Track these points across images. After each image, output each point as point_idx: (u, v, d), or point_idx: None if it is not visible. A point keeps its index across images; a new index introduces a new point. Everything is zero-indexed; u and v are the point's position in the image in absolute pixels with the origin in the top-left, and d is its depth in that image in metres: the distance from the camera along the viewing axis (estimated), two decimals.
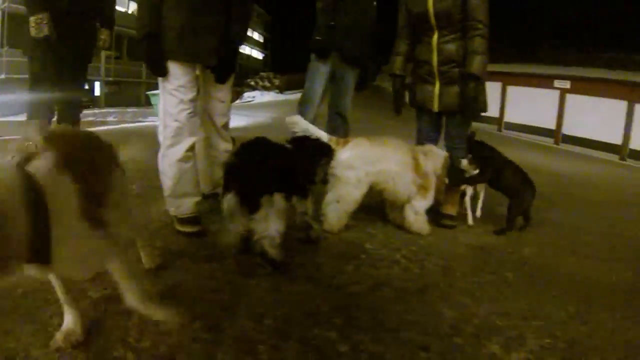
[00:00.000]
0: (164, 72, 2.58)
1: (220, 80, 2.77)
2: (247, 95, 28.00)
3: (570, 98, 19.75)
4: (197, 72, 2.73)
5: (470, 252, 3.02)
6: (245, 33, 2.91)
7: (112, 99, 25.73)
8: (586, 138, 18.60)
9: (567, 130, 19.67)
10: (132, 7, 29.96)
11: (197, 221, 2.71)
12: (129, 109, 18.75)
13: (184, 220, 2.69)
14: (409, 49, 3.48)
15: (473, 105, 3.22)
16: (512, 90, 22.07)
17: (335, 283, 2.33)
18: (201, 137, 2.91)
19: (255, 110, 17.62)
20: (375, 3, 3.94)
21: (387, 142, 3.14)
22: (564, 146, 18.91)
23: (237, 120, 13.35)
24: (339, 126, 4.03)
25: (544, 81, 20.52)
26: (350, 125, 4.04)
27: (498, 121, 22.35)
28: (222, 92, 2.88)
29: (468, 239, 3.28)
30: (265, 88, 29.46)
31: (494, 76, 21.95)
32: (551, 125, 20.23)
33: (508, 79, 22.01)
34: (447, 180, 3.30)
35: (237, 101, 27.42)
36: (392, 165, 3.06)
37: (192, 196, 2.70)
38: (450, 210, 3.51)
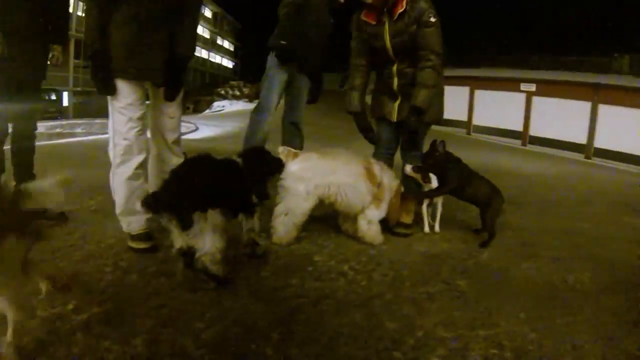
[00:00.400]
0: (112, 91, 2.55)
1: (170, 97, 2.74)
2: (217, 105, 27.85)
3: (536, 100, 20.18)
4: (146, 87, 2.73)
5: (424, 260, 2.92)
6: (194, 48, 2.85)
7: (81, 110, 25.06)
8: (553, 139, 19.01)
9: (534, 131, 20.05)
10: None
11: (148, 237, 2.69)
12: (97, 120, 18.34)
13: (135, 237, 2.68)
14: (364, 82, 3.47)
15: (415, 135, 3.33)
16: (479, 94, 22.47)
17: (278, 297, 2.26)
18: (152, 154, 2.89)
19: (225, 120, 17.49)
20: (332, 21, 3.92)
21: (338, 155, 3.08)
22: (531, 147, 19.23)
23: (206, 131, 13.21)
24: (295, 137, 3.99)
25: (511, 84, 20.95)
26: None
27: (466, 125, 22.67)
28: (172, 108, 2.84)
29: (423, 246, 3.19)
30: (235, 97, 29.40)
31: (462, 80, 22.45)
32: (518, 127, 20.61)
33: (476, 83, 22.48)
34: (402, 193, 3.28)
35: (207, 111, 27.33)
36: (344, 177, 2.98)
37: (143, 213, 2.58)
38: (405, 218, 3.43)
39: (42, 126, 16.19)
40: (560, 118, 18.66)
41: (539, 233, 3.81)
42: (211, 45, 45.87)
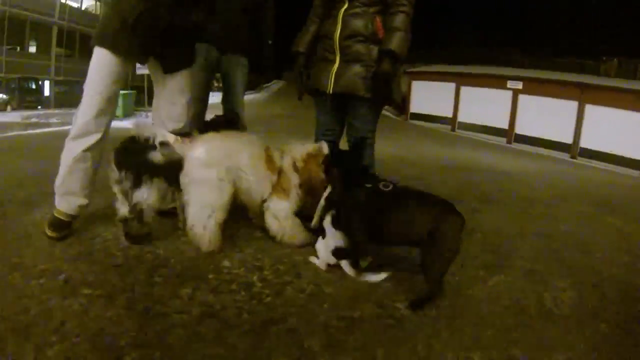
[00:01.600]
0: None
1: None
2: None
3: (522, 98, 19.90)
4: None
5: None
6: None
7: (63, 99, 24.20)
8: (538, 137, 18.77)
9: (519, 129, 19.74)
10: (86, 4, 28.53)
11: (66, 226, 2.43)
12: (73, 111, 17.59)
13: (53, 221, 2.40)
14: (319, 28, 2.92)
15: (385, 85, 2.64)
16: (465, 90, 22.15)
17: (157, 310, 1.81)
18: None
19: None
20: None
21: (239, 136, 2.62)
22: (516, 145, 18.94)
23: None
24: (233, 125, 3.46)
25: (497, 82, 20.66)
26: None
27: (452, 121, 22.33)
28: (171, 91, 2.69)
29: None
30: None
31: (448, 76, 22.13)
32: (504, 125, 20.31)
33: (462, 80, 22.19)
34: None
35: None
36: (245, 158, 2.43)
37: (78, 197, 2.43)
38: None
39: (18, 116, 15.73)
40: (547, 117, 18.45)
41: (513, 237, 3.23)
42: None
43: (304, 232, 2.54)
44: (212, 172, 2.31)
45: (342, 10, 2.72)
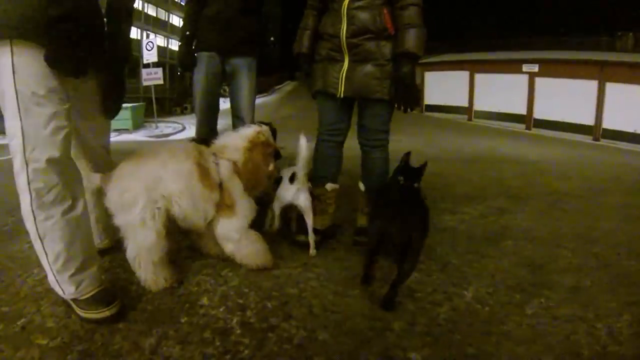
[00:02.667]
0: None
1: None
2: None
3: (539, 82, 19.21)
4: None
5: (370, 313, 1.91)
6: None
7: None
8: (558, 121, 18.07)
9: (538, 114, 19.08)
10: None
11: (111, 297, 1.78)
12: None
13: (90, 300, 1.75)
14: (318, 21, 2.64)
15: (409, 92, 2.38)
16: (480, 77, 21.55)
17: None
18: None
19: None
20: None
21: (158, 151, 2.07)
22: (536, 131, 18.30)
23: (193, 131, 12.34)
24: None
25: (512, 66, 20.01)
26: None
27: (468, 111, 21.76)
28: None
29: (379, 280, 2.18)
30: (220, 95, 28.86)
31: (461, 65, 21.61)
32: (522, 110, 19.65)
33: (475, 67, 21.63)
34: (272, 168, 2.31)
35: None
36: (171, 181, 1.98)
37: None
38: (317, 221, 2.57)
39: None
40: (566, 99, 17.73)
41: (549, 243, 2.82)
42: None
43: (265, 251, 2.20)
44: (134, 211, 1.92)
45: (346, 3, 2.42)
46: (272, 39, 3.34)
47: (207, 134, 3.23)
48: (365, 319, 1.81)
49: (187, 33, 3.19)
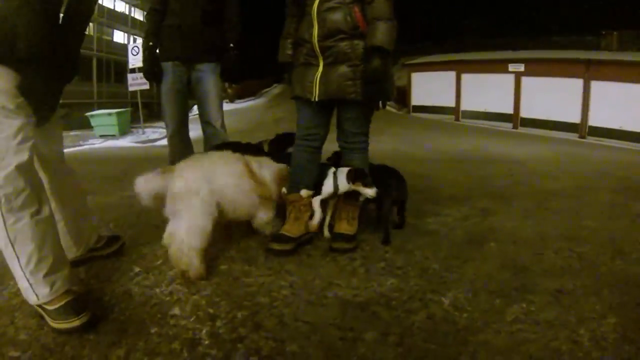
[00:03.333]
0: None
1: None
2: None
3: (525, 81, 19.32)
4: None
5: (342, 315, 1.83)
6: None
7: (62, 123, 23.96)
8: (545, 119, 18.20)
9: (525, 113, 19.19)
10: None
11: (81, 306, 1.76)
12: (72, 132, 17.65)
13: (61, 309, 1.73)
14: (297, 28, 2.59)
15: (380, 88, 2.34)
16: (466, 78, 21.61)
17: None
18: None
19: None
20: None
21: (213, 154, 2.50)
22: (523, 130, 18.39)
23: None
24: (210, 137, 3.39)
25: (499, 66, 20.12)
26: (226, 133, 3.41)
27: (455, 111, 21.81)
28: None
29: (356, 283, 2.10)
30: None
31: (448, 65, 21.65)
32: (509, 109, 19.73)
33: (461, 67, 21.70)
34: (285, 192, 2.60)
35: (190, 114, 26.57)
36: (226, 178, 2.30)
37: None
38: (346, 227, 2.56)
39: None
40: (552, 97, 17.87)
41: (533, 243, 2.75)
42: None
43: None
44: (197, 197, 2.17)
45: (315, 6, 2.36)
46: (231, 45, 3.37)
47: (179, 145, 3.23)
48: (337, 329, 1.72)
49: (151, 44, 3.23)
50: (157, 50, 3.28)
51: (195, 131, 3.57)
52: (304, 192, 2.55)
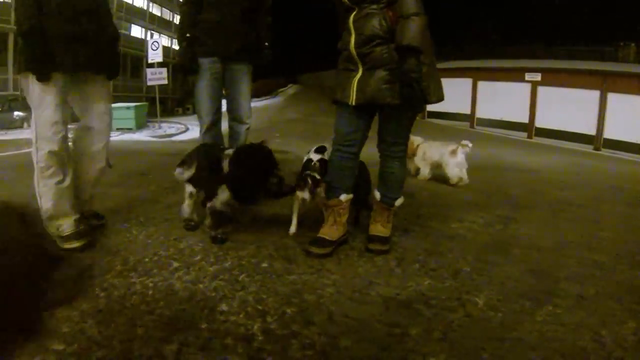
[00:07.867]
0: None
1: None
2: None
3: (542, 90, 19.35)
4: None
5: (384, 312, 2.00)
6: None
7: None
8: (560, 130, 18.21)
9: (540, 123, 19.20)
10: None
11: (80, 235, 2.55)
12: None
13: (66, 238, 2.52)
14: None
15: (413, 87, 2.31)
16: (483, 85, 21.67)
17: None
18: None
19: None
20: None
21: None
22: (537, 140, 18.41)
23: (196, 132, 12.40)
24: (236, 133, 3.53)
25: (515, 75, 20.18)
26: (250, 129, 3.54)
27: (470, 118, 21.85)
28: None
29: (395, 282, 2.28)
30: None
31: (464, 72, 21.65)
32: (524, 119, 19.77)
33: (478, 75, 21.76)
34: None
35: None
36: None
37: (72, 214, 2.59)
38: (381, 229, 2.74)
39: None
40: (568, 108, 17.90)
41: (554, 251, 2.92)
42: None
43: None
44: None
45: (351, 17, 2.48)
46: (266, 44, 3.50)
47: (212, 140, 3.35)
48: (383, 325, 1.87)
49: (188, 35, 3.26)
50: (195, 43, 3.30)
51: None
52: (343, 197, 2.68)
